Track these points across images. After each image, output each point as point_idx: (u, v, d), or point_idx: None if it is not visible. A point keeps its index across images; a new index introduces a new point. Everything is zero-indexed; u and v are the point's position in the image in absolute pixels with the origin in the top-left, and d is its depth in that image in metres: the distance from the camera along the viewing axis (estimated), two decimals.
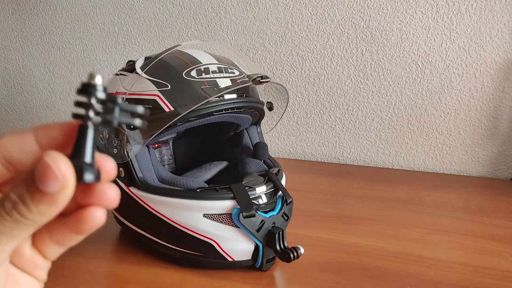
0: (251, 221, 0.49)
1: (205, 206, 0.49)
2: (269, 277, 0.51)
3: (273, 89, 0.64)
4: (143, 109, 0.21)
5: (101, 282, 0.51)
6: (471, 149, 0.91)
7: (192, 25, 1.03)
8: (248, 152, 0.63)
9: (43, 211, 0.20)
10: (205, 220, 0.49)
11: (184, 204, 0.50)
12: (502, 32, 0.82)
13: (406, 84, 0.91)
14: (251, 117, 0.60)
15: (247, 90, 0.56)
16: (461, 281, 0.50)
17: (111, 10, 1.09)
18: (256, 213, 0.49)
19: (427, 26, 0.86)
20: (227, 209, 0.49)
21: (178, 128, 0.53)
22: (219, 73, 0.52)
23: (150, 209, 0.52)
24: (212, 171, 0.60)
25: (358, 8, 0.90)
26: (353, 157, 1.00)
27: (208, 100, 0.49)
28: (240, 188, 0.50)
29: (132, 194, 0.53)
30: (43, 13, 1.15)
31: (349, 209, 0.72)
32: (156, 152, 0.69)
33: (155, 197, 0.51)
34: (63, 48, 1.16)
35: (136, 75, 0.53)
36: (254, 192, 0.51)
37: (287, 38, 0.96)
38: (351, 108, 0.96)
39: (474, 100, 0.88)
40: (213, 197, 0.49)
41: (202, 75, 0.51)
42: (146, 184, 0.52)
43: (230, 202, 0.49)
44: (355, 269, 0.53)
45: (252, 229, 0.49)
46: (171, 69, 0.52)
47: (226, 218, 0.49)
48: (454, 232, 0.63)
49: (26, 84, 1.23)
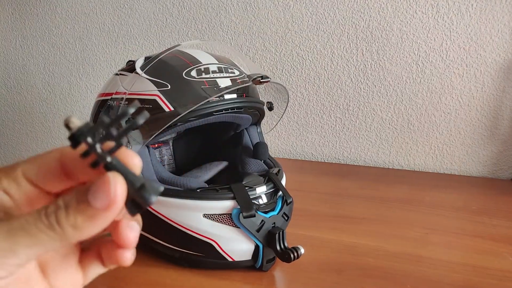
0: (251, 221, 0.48)
1: (205, 206, 0.49)
2: (269, 277, 0.51)
3: (273, 89, 0.64)
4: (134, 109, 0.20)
5: (101, 282, 0.51)
6: (472, 149, 0.91)
7: (192, 25, 1.03)
8: (248, 152, 0.63)
9: (79, 224, 0.20)
10: (205, 220, 0.49)
11: (184, 204, 0.50)
12: (502, 32, 0.82)
13: (406, 84, 0.91)
14: (251, 117, 0.60)
15: (247, 90, 0.56)
16: (460, 281, 0.50)
17: (111, 10, 1.09)
18: (256, 213, 0.49)
19: (427, 26, 0.86)
20: (227, 209, 0.49)
21: (178, 128, 0.53)
22: (219, 73, 0.52)
23: (150, 209, 0.52)
24: (212, 171, 0.60)
25: (358, 8, 0.90)
26: (353, 157, 1.00)
27: (208, 100, 0.49)
28: (240, 188, 0.50)
29: None
30: (43, 13, 1.15)
31: (349, 209, 0.71)
32: (156, 152, 0.69)
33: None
34: (63, 48, 1.16)
35: (136, 75, 0.53)
36: (254, 192, 0.51)
37: (287, 38, 0.96)
38: (351, 108, 0.96)
39: (475, 100, 0.88)
40: (213, 197, 0.49)
41: (202, 75, 0.51)
42: None
43: (230, 202, 0.49)
44: (355, 269, 0.53)
45: (252, 229, 0.49)
46: (171, 69, 0.52)
47: (226, 218, 0.49)
48: (454, 232, 0.63)
49: (26, 84, 1.24)
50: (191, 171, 0.60)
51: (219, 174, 0.61)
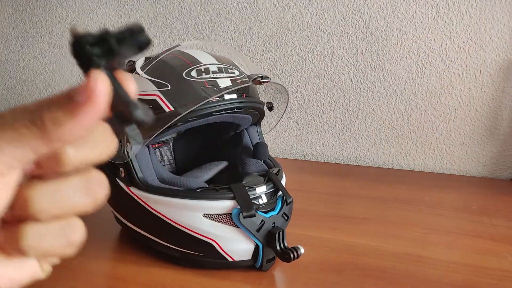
0: (251, 221, 0.48)
1: (205, 206, 0.49)
2: (269, 277, 0.51)
3: (273, 89, 0.64)
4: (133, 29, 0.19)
5: (102, 282, 0.51)
6: (471, 149, 0.91)
7: (192, 25, 1.03)
8: (248, 152, 0.63)
9: (60, 119, 0.19)
10: (205, 220, 0.49)
11: (184, 204, 0.50)
12: (502, 32, 0.82)
13: (406, 84, 0.91)
14: (251, 117, 0.60)
15: (247, 90, 0.55)
16: (460, 281, 0.51)
17: (111, 10, 1.09)
18: (256, 213, 0.49)
19: (427, 26, 0.86)
20: (227, 209, 0.49)
21: (178, 128, 0.53)
22: (219, 73, 0.52)
23: (150, 209, 0.52)
24: (212, 171, 0.60)
25: (358, 8, 0.90)
26: (353, 157, 1.00)
27: (208, 100, 0.49)
28: (240, 188, 0.50)
29: (132, 194, 0.53)
30: (43, 13, 1.15)
31: (349, 209, 0.72)
32: (156, 152, 0.69)
33: (155, 197, 0.51)
34: (63, 48, 1.16)
35: (136, 75, 0.53)
36: (254, 192, 0.51)
37: (287, 38, 0.96)
38: (351, 108, 0.96)
39: (474, 100, 0.88)
40: (213, 197, 0.49)
41: (202, 75, 0.51)
42: (147, 184, 0.52)
43: (230, 202, 0.49)
44: (354, 269, 0.53)
45: (252, 229, 0.49)
46: (171, 69, 0.52)
47: (226, 218, 0.49)
48: (454, 232, 0.63)
49: (26, 84, 1.24)
50: (191, 171, 0.60)
51: (219, 174, 0.61)
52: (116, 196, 0.56)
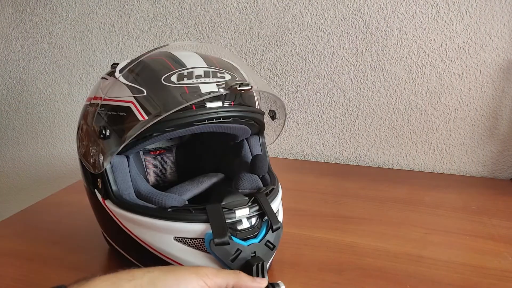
0: (224, 249, 0.42)
1: (176, 228, 0.44)
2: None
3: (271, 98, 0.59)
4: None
5: None
6: (471, 149, 0.91)
7: (192, 25, 1.03)
8: (245, 166, 0.57)
9: None
10: (176, 243, 0.44)
11: (154, 224, 0.44)
12: (502, 32, 0.82)
13: (406, 84, 0.91)
14: (249, 127, 0.54)
15: (237, 97, 0.49)
16: (461, 281, 0.51)
17: (111, 10, 1.09)
18: (231, 241, 0.43)
19: (427, 26, 0.86)
20: (199, 233, 0.43)
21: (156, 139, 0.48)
22: (204, 78, 0.46)
23: (122, 227, 0.47)
24: (204, 184, 0.55)
25: (358, 8, 0.90)
26: (353, 157, 1.00)
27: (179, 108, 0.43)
28: (216, 210, 0.44)
29: (107, 208, 0.48)
30: (43, 13, 1.15)
31: (349, 209, 0.72)
32: (158, 159, 0.65)
33: (126, 214, 0.46)
34: (63, 48, 1.16)
35: (113, 79, 0.49)
36: (233, 215, 0.45)
37: (287, 38, 0.96)
38: (351, 108, 0.96)
39: (474, 100, 0.88)
40: (184, 219, 0.44)
41: (184, 80, 0.46)
42: (121, 199, 0.47)
43: (203, 226, 0.43)
44: (355, 269, 0.53)
45: (225, 258, 0.42)
46: (150, 73, 0.47)
47: (199, 243, 0.44)
48: (454, 232, 0.63)
49: (26, 84, 1.24)
50: (182, 184, 0.55)
51: (216, 187, 0.56)
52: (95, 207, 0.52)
